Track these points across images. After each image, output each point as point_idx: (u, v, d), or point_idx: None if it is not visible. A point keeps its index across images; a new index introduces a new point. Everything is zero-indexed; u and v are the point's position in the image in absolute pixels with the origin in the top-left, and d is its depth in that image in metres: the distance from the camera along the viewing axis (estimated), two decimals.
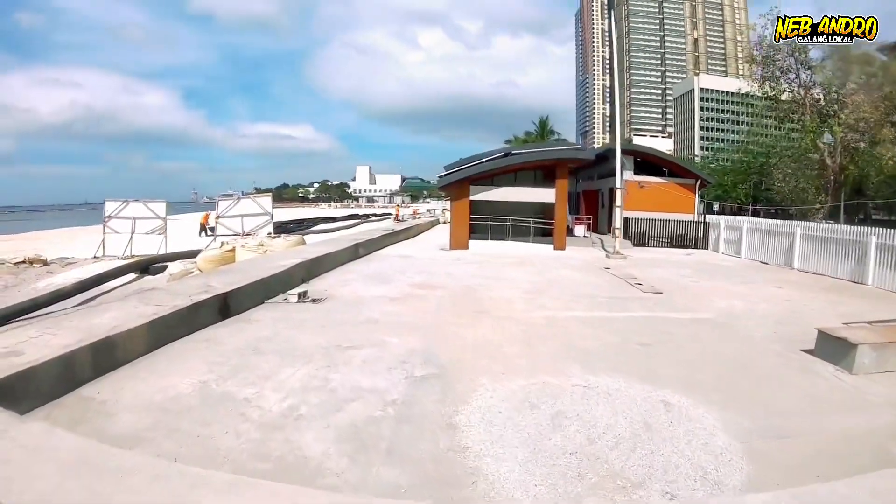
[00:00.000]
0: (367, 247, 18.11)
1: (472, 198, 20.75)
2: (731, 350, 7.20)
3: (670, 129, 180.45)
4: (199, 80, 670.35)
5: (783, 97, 31.57)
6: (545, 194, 21.70)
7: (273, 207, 26.71)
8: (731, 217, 24.53)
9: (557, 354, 6.61)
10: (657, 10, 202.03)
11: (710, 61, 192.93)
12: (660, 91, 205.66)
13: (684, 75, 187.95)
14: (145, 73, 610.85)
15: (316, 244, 17.96)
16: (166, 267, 19.47)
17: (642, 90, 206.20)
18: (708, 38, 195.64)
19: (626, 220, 25.28)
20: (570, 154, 22.14)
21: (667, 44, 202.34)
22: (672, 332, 8.02)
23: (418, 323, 8.05)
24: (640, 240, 24.30)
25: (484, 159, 21.49)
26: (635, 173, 25.88)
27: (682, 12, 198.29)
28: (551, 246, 21.08)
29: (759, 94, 32.41)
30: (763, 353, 7.14)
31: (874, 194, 47.02)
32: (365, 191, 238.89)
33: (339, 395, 5.02)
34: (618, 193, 20.12)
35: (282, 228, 40.99)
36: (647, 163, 26.58)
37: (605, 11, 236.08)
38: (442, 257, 17.70)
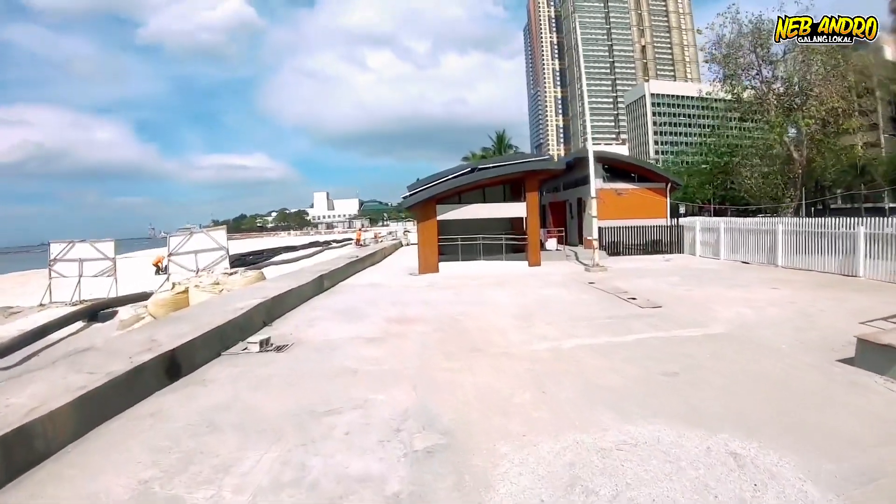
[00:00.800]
0: (333, 277, 16.91)
1: (439, 218, 19.71)
2: (763, 369, 6.34)
3: (624, 136, 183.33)
4: (151, 112, 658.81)
5: (744, 95, 31.40)
6: (516, 209, 20.82)
7: (231, 239, 25.21)
8: (706, 218, 24.03)
9: (579, 399, 5.52)
10: (604, 20, 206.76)
11: (658, 67, 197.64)
12: (611, 99, 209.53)
13: (634, 82, 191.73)
14: (96, 108, 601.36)
15: (277, 279, 16.62)
16: (116, 312, 18.02)
17: (594, 99, 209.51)
18: (655, 44, 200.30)
19: (600, 229, 24.56)
20: (540, 165, 21.22)
21: (615, 53, 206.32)
22: (692, 353, 7.11)
23: (404, 370, 6.86)
24: (614, 249, 23.64)
25: (449, 176, 20.46)
26: (605, 181, 25.21)
27: (628, 21, 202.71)
28: (525, 262, 20.17)
29: (722, 95, 32.14)
30: (799, 368, 6.29)
31: (832, 184, 47.74)
32: (323, 217, 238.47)
33: (322, 490, 3.77)
34: (592, 203, 19.30)
35: (241, 261, 39.49)
36: (615, 169, 25.96)
37: (553, 25, 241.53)
38: (414, 283, 16.58)
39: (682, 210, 47.71)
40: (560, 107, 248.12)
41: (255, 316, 9.94)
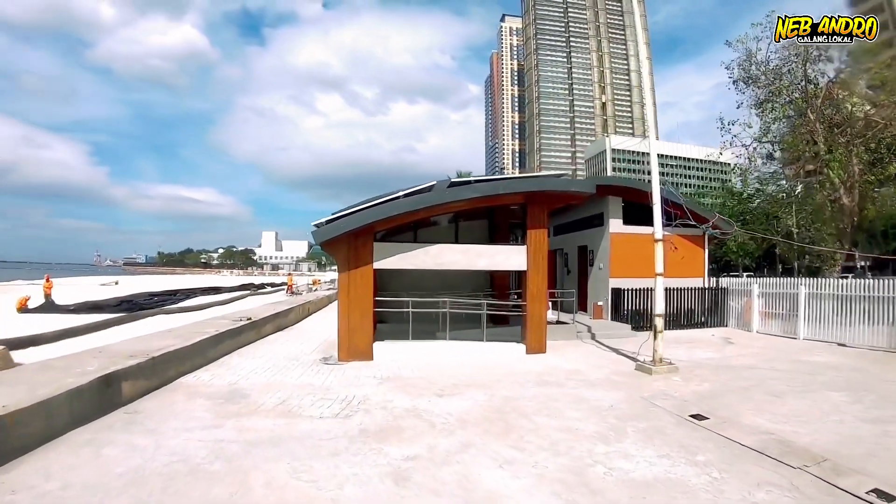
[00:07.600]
0: (162, 369, 8.35)
1: (377, 265, 11.14)
2: None
3: None
4: (103, 136, 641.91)
5: (780, 122, 24.47)
6: (512, 256, 12.18)
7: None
8: (768, 279, 16.60)
9: None
10: (566, 75, 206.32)
11: (617, 124, 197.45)
12: (569, 153, 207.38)
13: (593, 138, 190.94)
14: (48, 125, 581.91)
15: (32, 368, 7.76)
16: None
17: (552, 153, 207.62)
18: (615, 101, 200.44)
19: (618, 291, 16.62)
20: (557, 185, 12.53)
21: (576, 108, 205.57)
22: None
23: None
24: (637, 321, 15.92)
25: (399, 193, 11.97)
26: (624, 222, 17.39)
27: (590, 78, 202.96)
28: (519, 345, 11.86)
29: (763, 119, 24.92)
30: None
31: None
32: (270, 257, 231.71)
33: None
34: (657, 249, 10.79)
35: (133, 305, 30.07)
36: (636, 206, 17.64)
37: (516, 78, 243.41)
38: (314, 406, 7.73)
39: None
40: (518, 159, 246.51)
41: None
